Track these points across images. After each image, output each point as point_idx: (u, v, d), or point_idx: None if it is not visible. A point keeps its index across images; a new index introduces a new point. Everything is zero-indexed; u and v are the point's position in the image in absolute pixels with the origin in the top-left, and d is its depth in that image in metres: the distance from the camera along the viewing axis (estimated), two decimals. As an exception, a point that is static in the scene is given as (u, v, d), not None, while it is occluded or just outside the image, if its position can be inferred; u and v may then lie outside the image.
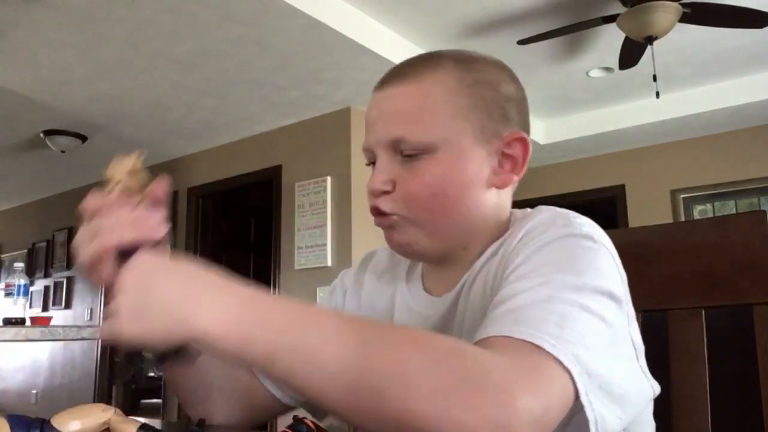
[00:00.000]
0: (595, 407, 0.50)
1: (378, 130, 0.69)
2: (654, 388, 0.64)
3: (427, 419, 0.43)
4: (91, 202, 0.60)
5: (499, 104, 0.69)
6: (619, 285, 0.59)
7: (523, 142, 0.70)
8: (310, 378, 0.47)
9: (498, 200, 0.71)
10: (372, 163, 0.72)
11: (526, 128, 0.72)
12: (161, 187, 0.62)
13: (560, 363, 0.48)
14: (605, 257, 0.60)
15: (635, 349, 0.61)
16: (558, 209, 0.66)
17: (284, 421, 0.57)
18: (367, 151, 0.72)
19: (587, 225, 0.62)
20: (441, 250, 0.70)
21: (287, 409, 0.80)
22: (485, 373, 0.45)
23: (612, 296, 0.57)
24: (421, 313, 0.73)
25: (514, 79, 0.72)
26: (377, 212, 0.70)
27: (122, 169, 0.62)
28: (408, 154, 0.67)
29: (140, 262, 0.54)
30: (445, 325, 0.70)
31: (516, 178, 0.71)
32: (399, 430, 0.44)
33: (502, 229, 0.70)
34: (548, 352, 0.48)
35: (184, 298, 0.51)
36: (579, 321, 0.51)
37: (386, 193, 0.69)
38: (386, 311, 0.77)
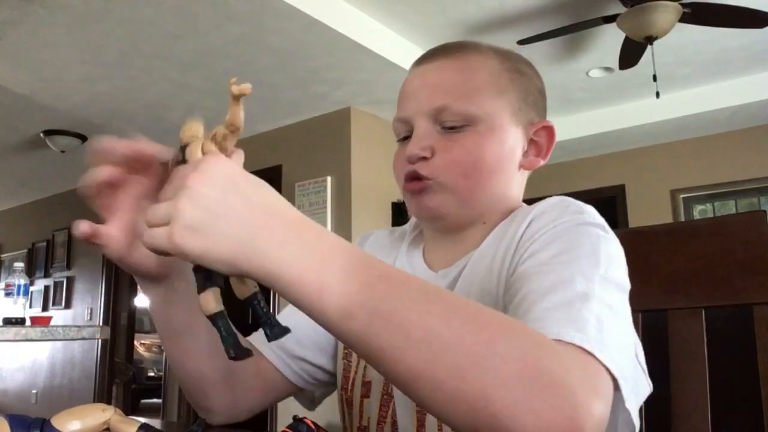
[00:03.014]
0: (635, 413, 0.51)
1: (420, 99, 0.71)
2: (650, 385, 0.64)
3: (504, 406, 0.41)
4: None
5: (533, 93, 0.75)
6: (627, 276, 0.61)
7: (550, 131, 0.76)
8: (389, 342, 0.44)
9: (521, 182, 0.76)
10: (403, 138, 0.74)
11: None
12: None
13: (607, 369, 0.48)
14: (618, 247, 0.62)
15: (635, 344, 0.62)
16: (564, 196, 0.68)
17: (284, 421, 0.57)
18: (403, 122, 0.73)
19: (597, 214, 0.65)
20: (465, 218, 0.72)
21: (293, 390, 0.80)
22: (565, 372, 0.44)
23: (625, 290, 0.59)
24: None
25: (540, 76, 0.78)
26: (412, 177, 0.71)
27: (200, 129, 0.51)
28: (449, 125, 0.70)
29: (215, 164, 0.46)
30: None
31: (542, 162, 0.76)
32: (471, 412, 0.42)
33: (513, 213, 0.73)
34: (598, 358, 0.48)
35: (263, 226, 0.45)
36: (612, 322, 0.52)
37: (423, 159, 0.70)
38: None
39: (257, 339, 0.78)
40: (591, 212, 0.64)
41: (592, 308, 0.51)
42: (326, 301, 0.44)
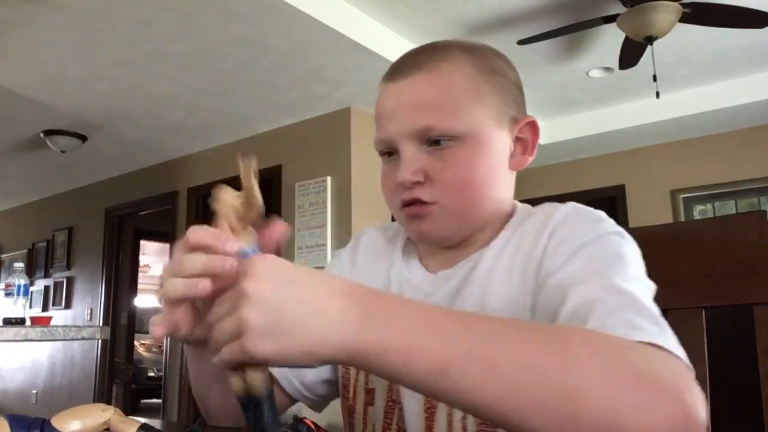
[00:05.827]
0: None
1: (401, 120, 0.68)
2: None
3: (626, 416, 0.42)
4: (192, 235, 0.51)
5: (510, 90, 0.73)
6: None
7: (533, 125, 0.74)
8: (485, 387, 0.44)
9: (511, 182, 0.75)
10: (386, 153, 0.72)
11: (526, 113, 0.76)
12: (277, 232, 0.52)
13: (684, 363, 0.48)
14: (638, 250, 0.64)
15: None
16: (576, 204, 0.69)
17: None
18: (385, 143, 0.71)
19: (613, 221, 0.66)
20: (466, 235, 0.72)
21: (291, 402, 0.80)
22: (664, 370, 0.45)
23: (653, 290, 0.60)
24: (421, 289, 0.73)
25: (514, 67, 0.76)
26: (411, 202, 0.69)
27: (231, 198, 0.51)
28: (436, 142, 0.68)
29: (268, 265, 0.46)
30: (451, 303, 0.69)
31: (530, 159, 0.74)
32: (599, 429, 0.42)
33: (510, 214, 0.74)
34: (673, 353, 0.48)
35: (327, 310, 0.45)
36: (661, 319, 0.52)
37: (418, 183, 0.68)
38: (382, 289, 0.76)
39: None
40: (608, 220, 0.66)
41: (642, 309, 0.52)
42: (415, 365, 0.44)
